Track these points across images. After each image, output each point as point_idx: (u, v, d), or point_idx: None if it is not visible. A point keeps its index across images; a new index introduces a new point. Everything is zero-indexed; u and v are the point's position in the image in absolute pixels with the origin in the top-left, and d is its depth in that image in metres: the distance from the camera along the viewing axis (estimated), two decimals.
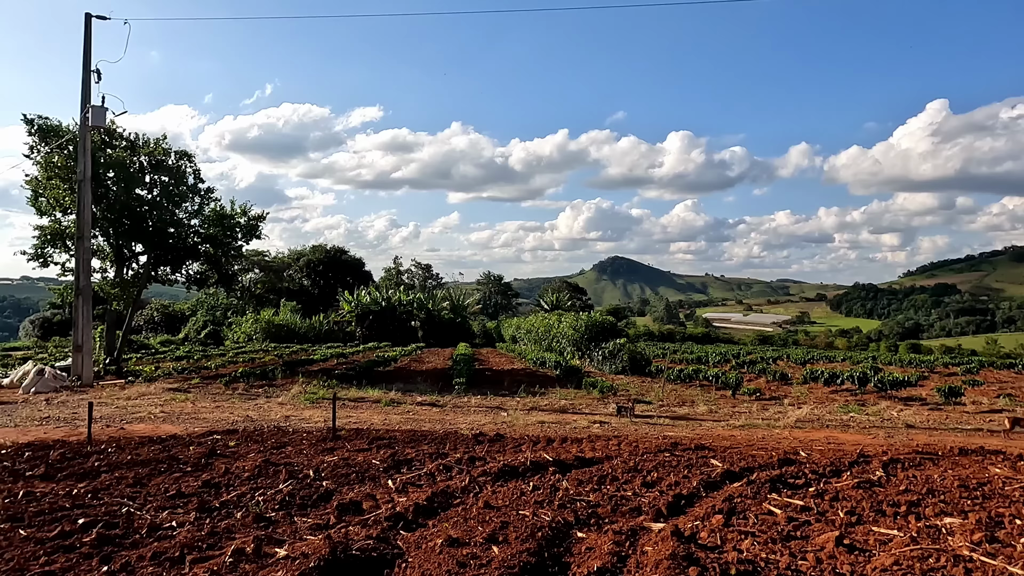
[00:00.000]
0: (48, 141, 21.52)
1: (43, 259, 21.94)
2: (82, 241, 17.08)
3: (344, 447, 8.76)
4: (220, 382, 17.10)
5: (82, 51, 17.34)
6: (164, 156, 23.36)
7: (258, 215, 25.74)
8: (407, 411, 12.86)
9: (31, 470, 7.45)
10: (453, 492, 6.26)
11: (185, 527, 5.30)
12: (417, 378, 18.85)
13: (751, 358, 26.49)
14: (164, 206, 23.55)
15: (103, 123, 17.54)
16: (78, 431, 10.91)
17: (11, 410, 13.52)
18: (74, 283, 17.81)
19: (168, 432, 10.58)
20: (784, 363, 26.99)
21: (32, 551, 4.76)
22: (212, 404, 14.04)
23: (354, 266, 69.69)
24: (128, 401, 14.49)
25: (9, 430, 11.20)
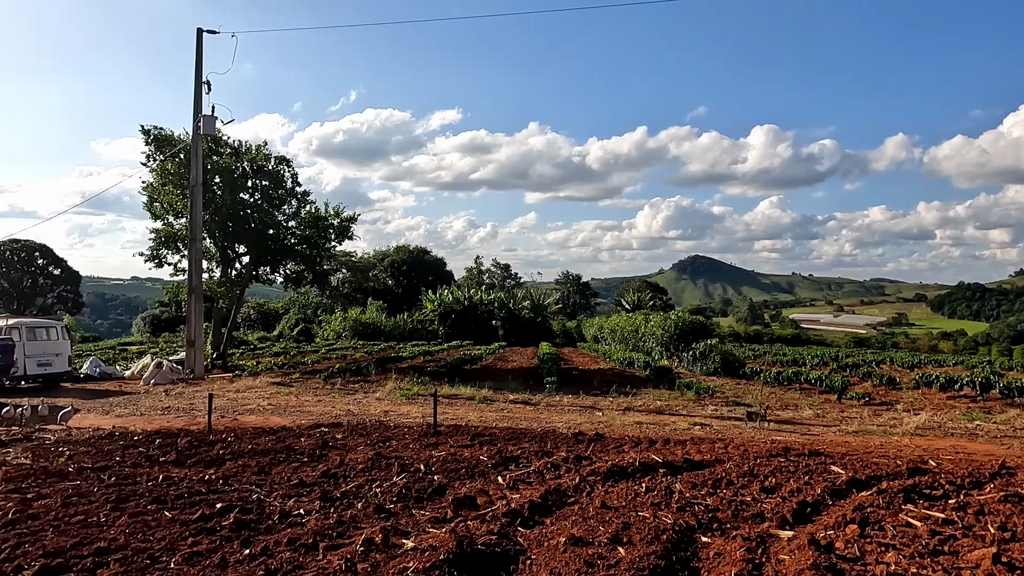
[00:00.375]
0: (163, 150, 23.04)
1: (158, 260, 23.51)
2: (194, 243, 18.21)
3: (447, 443, 8.89)
4: (319, 377, 17.78)
5: (194, 64, 18.47)
6: (264, 161, 24.55)
7: (350, 216, 26.65)
8: (501, 408, 12.94)
9: (163, 456, 7.96)
10: (565, 491, 6.21)
11: (312, 515, 5.50)
12: (508, 376, 18.96)
13: (850, 361, 25.13)
14: (265, 209, 24.75)
15: (213, 132, 18.62)
16: (196, 421, 11.60)
17: (136, 400, 14.54)
18: (187, 282, 19.01)
19: (277, 424, 11.07)
20: (889, 367, 25.46)
21: (179, 532, 5.06)
22: (314, 398, 14.62)
23: (436, 266, 71.14)
24: (237, 394, 15.29)
25: (136, 418, 12.05)
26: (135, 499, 5.90)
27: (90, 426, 10.85)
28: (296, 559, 4.54)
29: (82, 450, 8.48)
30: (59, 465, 7.50)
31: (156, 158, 23.24)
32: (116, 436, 9.68)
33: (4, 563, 4.46)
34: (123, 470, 7.20)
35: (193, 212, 18.40)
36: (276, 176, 25.12)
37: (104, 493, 6.10)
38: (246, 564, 4.43)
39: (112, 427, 10.54)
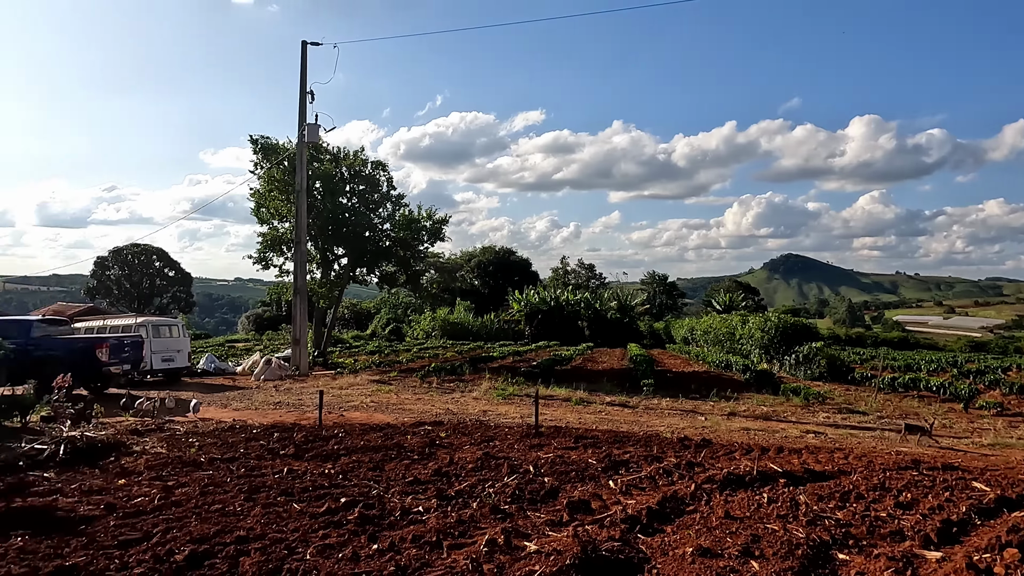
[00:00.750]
0: (269, 158, 24.32)
1: (264, 262, 24.84)
2: (300, 245, 19.12)
3: (551, 444, 8.85)
4: (416, 376, 18.22)
5: (299, 75, 19.38)
6: (361, 166, 25.43)
7: (441, 218, 27.20)
8: (599, 410, 12.80)
9: (283, 450, 8.34)
10: (682, 498, 6.03)
11: (432, 513, 5.59)
12: (599, 378, 18.77)
13: (972, 367, 23.24)
14: (361, 212, 25.64)
15: (316, 139, 19.47)
16: (306, 416, 12.11)
17: (249, 395, 15.39)
18: (293, 283, 19.99)
19: (381, 421, 11.39)
20: (1016, 373, 23.36)
21: (309, 524, 5.26)
22: (413, 396, 14.98)
23: (521, 266, 71.57)
24: (341, 391, 15.90)
25: (251, 412, 12.73)
26: (265, 490, 6.21)
27: (212, 418, 11.56)
28: (422, 556, 4.61)
29: (209, 441, 9.03)
30: (191, 455, 8.01)
31: (263, 165, 24.56)
32: (237, 429, 10.26)
33: (157, 546, 4.78)
34: (249, 462, 7.60)
35: (299, 216, 19.31)
36: (372, 180, 25.99)
37: (236, 484, 6.46)
38: (376, 559, 4.55)
39: (232, 420, 11.18)
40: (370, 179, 25.93)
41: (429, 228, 27.05)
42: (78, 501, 6.03)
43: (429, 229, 27.05)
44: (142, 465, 7.46)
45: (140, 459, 7.78)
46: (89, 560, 4.49)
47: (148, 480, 6.80)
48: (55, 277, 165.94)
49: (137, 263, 74.87)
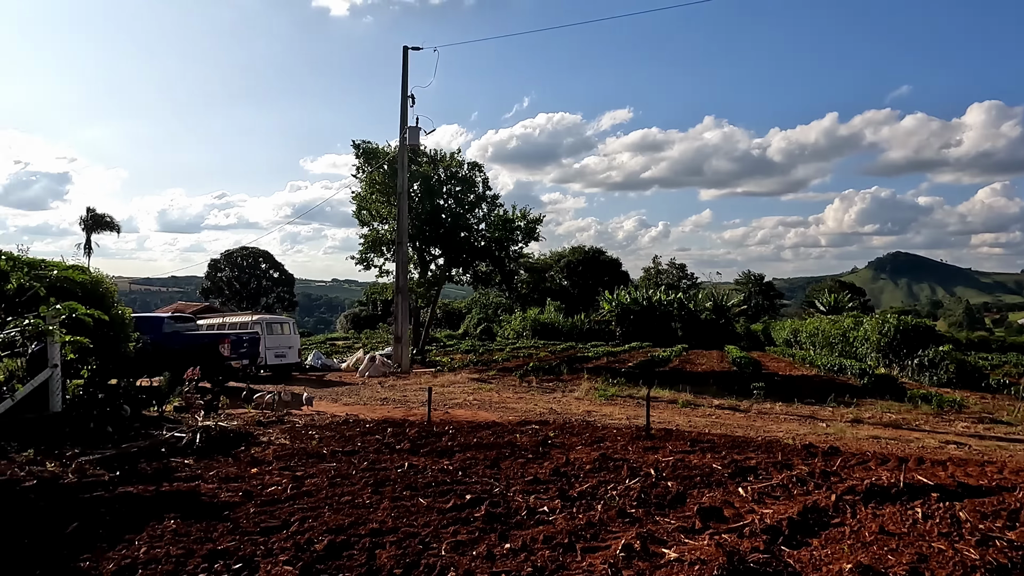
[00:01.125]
0: (370, 162, 25.11)
1: (366, 263, 25.67)
2: (401, 246, 19.62)
3: (665, 447, 8.55)
4: (515, 375, 18.26)
5: (400, 79, 19.89)
6: (458, 168, 25.80)
7: (536, 218, 27.16)
8: (708, 414, 12.31)
9: (398, 444, 8.49)
10: (823, 509, 5.61)
11: (558, 514, 5.47)
12: (700, 380, 18.13)
13: None
14: (458, 213, 26.01)
15: (417, 142, 19.92)
16: (413, 412, 12.34)
17: (356, 390, 15.91)
18: (394, 282, 20.54)
19: (486, 418, 11.41)
20: None
21: (438, 520, 5.27)
22: (514, 395, 14.98)
23: (611, 266, 70.65)
24: (443, 388, 16.13)
25: (361, 407, 13.11)
26: (390, 484, 6.29)
27: (325, 412, 11.99)
28: (557, 558, 4.49)
29: (328, 434, 9.33)
30: (314, 447, 8.28)
31: (364, 169, 25.39)
32: (351, 423, 10.57)
33: (297, 534, 4.91)
34: (369, 456, 7.77)
35: (399, 218, 19.82)
36: (468, 181, 26.31)
37: (362, 477, 6.59)
38: (511, 559, 4.47)
39: (345, 414, 11.54)
40: (466, 180, 26.26)
41: (524, 228, 27.10)
42: (218, 488, 6.33)
43: (524, 229, 27.11)
44: (270, 455, 7.78)
45: (268, 450, 8.12)
46: (237, 545, 4.67)
47: (278, 470, 7.07)
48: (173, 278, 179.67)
49: (246, 265, 79.68)
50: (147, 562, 4.34)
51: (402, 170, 19.73)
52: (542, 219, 27.46)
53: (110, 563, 4.32)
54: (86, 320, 8.78)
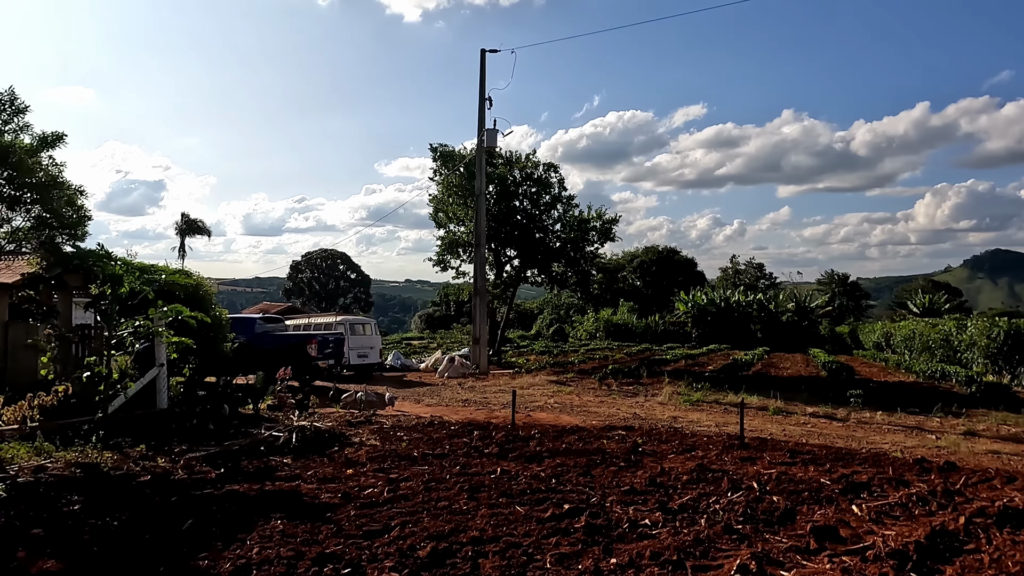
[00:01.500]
0: (447, 165, 25.40)
1: (443, 264, 25.98)
2: (479, 248, 19.74)
3: (762, 457, 8.16)
4: (594, 378, 18.02)
5: (478, 82, 20.01)
6: (533, 168, 25.75)
7: (612, 218, 26.79)
8: (803, 422, 11.73)
9: (486, 448, 8.46)
10: (953, 533, 5.17)
11: (662, 528, 5.27)
12: (797, 386, 17.34)
13: None
14: (532, 214, 25.96)
15: (495, 144, 19.98)
16: (495, 414, 12.33)
17: (436, 391, 16.07)
18: (472, 284, 20.69)
19: (568, 422, 11.26)
20: None
21: (537, 529, 5.17)
22: (595, 398, 14.76)
23: (686, 266, 69.01)
24: (522, 391, 16.07)
25: (443, 408, 13.21)
26: (485, 490, 6.25)
27: (411, 413, 12.15)
28: (665, 575, 4.31)
29: (415, 436, 9.42)
30: (404, 449, 8.37)
31: (441, 172, 25.72)
32: (436, 425, 10.65)
33: (399, 540, 4.92)
34: (459, 459, 7.77)
35: (477, 219, 19.95)
36: (543, 182, 26.22)
37: (456, 481, 6.58)
38: (618, 575, 4.32)
39: (429, 416, 11.65)
40: (541, 181, 26.18)
41: (599, 228, 26.80)
42: (317, 488, 6.46)
43: (599, 229, 26.81)
44: (363, 457, 7.90)
45: (360, 451, 8.26)
46: (344, 549, 4.71)
47: (372, 472, 7.16)
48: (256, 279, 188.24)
49: (324, 266, 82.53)
50: (260, 563, 4.43)
51: (480, 172, 19.85)
52: (618, 219, 27.10)
53: (226, 563, 4.44)
54: (190, 322, 9.20)
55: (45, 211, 8.68)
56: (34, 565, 4.46)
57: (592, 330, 52.59)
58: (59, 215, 8.75)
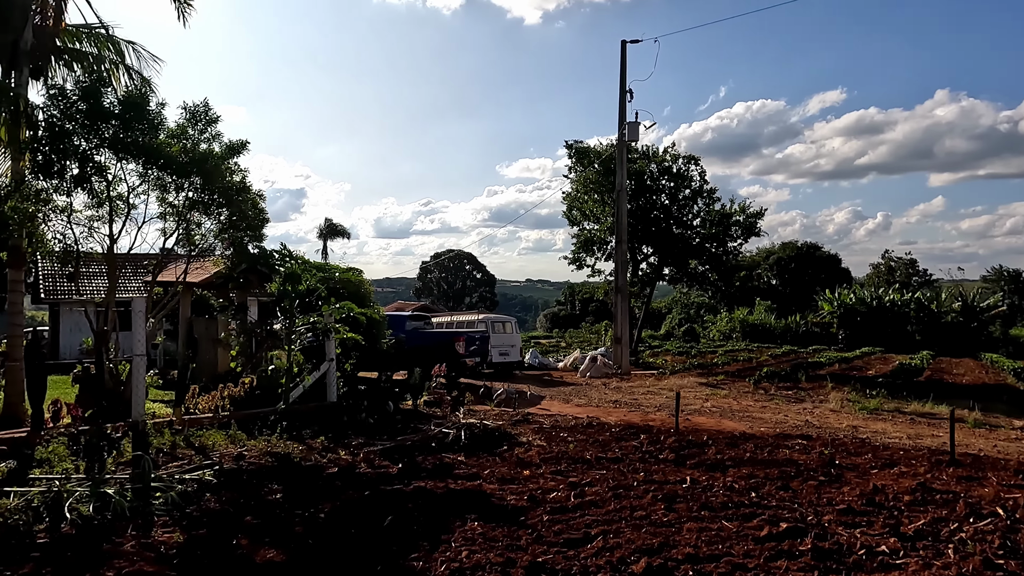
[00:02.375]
0: (582, 161, 25.03)
1: (578, 262, 25.65)
2: (620, 244, 19.22)
3: (986, 478, 7.08)
4: (748, 381, 16.97)
5: (619, 75, 19.48)
6: (672, 162, 24.79)
7: (756, 212, 25.27)
8: (1015, 437, 10.24)
9: (660, 454, 7.99)
10: None
11: (904, 557, 4.59)
12: (992, 394, 15.41)
13: None
14: (671, 209, 25.00)
15: (637, 138, 19.37)
16: (649, 417, 11.79)
17: (581, 391, 15.74)
18: (613, 282, 20.20)
19: (733, 428, 10.52)
20: None
21: (757, 550, 4.66)
22: (755, 403, 13.81)
23: (828, 263, 64.29)
24: (672, 392, 15.41)
25: (594, 409, 12.84)
26: (681, 501, 5.81)
27: (564, 413, 11.89)
28: None
29: (579, 437, 9.13)
30: (573, 451, 8.09)
31: (576, 169, 25.39)
32: (595, 426, 10.30)
33: (605, 551, 4.61)
34: (634, 464, 7.38)
35: (618, 216, 19.42)
36: (682, 176, 25.19)
37: (645, 489, 6.19)
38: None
39: (586, 416, 11.33)
40: (680, 175, 25.16)
41: (742, 223, 25.36)
42: (499, 489, 6.31)
43: (742, 224, 25.37)
44: (535, 457, 7.71)
45: (531, 451, 8.08)
46: (552, 558, 4.47)
47: (550, 474, 6.92)
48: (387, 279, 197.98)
49: (451, 267, 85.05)
50: (473, 568, 4.28)
51: (621, 167, 19.31)
52: (763, 212, 25.51)
53: (440, 565, 4.33)
54: (360, 319, 9.47)
55: (233, 214, 9.24)
56: (257, 554, 4.58)
57: (726, 330, 50.25)
58: (245, 217, 9.28)
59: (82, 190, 8.81)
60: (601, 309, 72.67)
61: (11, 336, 9.51)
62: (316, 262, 9.33)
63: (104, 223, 9.24)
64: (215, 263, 10.47)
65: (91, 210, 9.11)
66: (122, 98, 8.69)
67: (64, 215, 8.70)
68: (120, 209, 9.35)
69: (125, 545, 4.66)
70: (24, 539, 4.78)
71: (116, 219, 9.23)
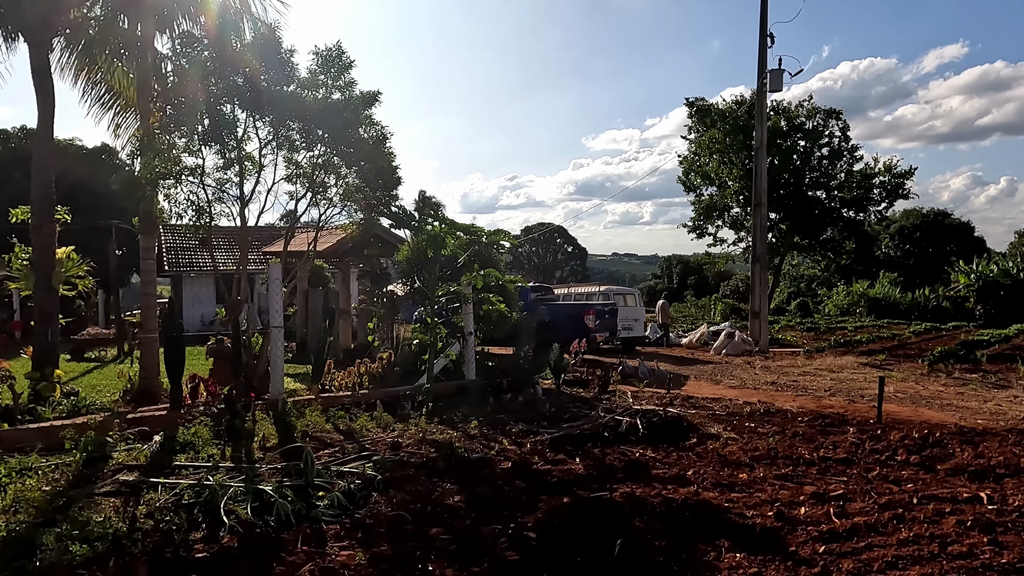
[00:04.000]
0: (704, 121, 22.95)
1: (699, 231, 23.73)
2: (759, 208, 17.25)
3: None
4: (919, 361, 14.83)
5: (759, 17, 17.30)
6: (808, 118, 22.31)
7: (906, 171, 22.46)
8: None
9: (893, 455, 6.44)
10: None
11: None
12: None
13: None
14: (802, 171, 22.58)
15: (780, 88, 17.19)
16: (823, 403, 10.13)
17: (724, 370, 14.11)
18: (751, 250, 18.28)
19: (935, 418, 8.76)
20: None
21: None
22: (944, 388, 11.79)
23: (959, 231, 58.31)
24: (830, 373, 13.56)
25: (750, 391, 11.24)
26: (1001, 529, 4.31)
27: (718, 396, 10.39)
28: None
29: (769, 427, 7.69)
30: (779, 446, 6.67)
31: (697, 129, 23.34)
32: (775, 413, 8.79)
33: None
34: (872, 467, 5.88)
35: (757, 176, 17.41)
36: (816, 134, 22.65)
37: (929, 507, 4.71)
38: None
39: (757, 401, 9.80)
40: (814, 132, 22.63)
41: (889, 184, 22.60)
42: (724, 499, 5.01)
43: (889, 185, 22.60)
44: (739, 454, 6.34)
45: (728, 446, 6.71)
46: None
47: (773, 478, 5.56)
48: None
49: (543, 240, 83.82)
50: None
51: (760, 121, 17.20)
52: (913, 172, 22.64)
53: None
54: (509, 287, 8.35)
55: (370, 171, 8.27)
56: None
57: (844, 304, 46.31)
58: (382, 174, 8.29)
59: (211, 149, 8.07)
60: (701, 283, 69.51)
61: (145, 307, 9.04)
62: (462, 224, 8.26)
63: (235, 185, 8.50)
64: (346, 229, 9.60)
65: (220, 172, 8.38)
66: (250, 42, 7.83)
67: (195, 175, 7.98)
68: (249, 170, 8.60)
69: (302, 569, 3.69)
70: (179, 551, 3.91)
71: (247, 179, 8.47)
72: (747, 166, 21.48)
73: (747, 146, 21.42)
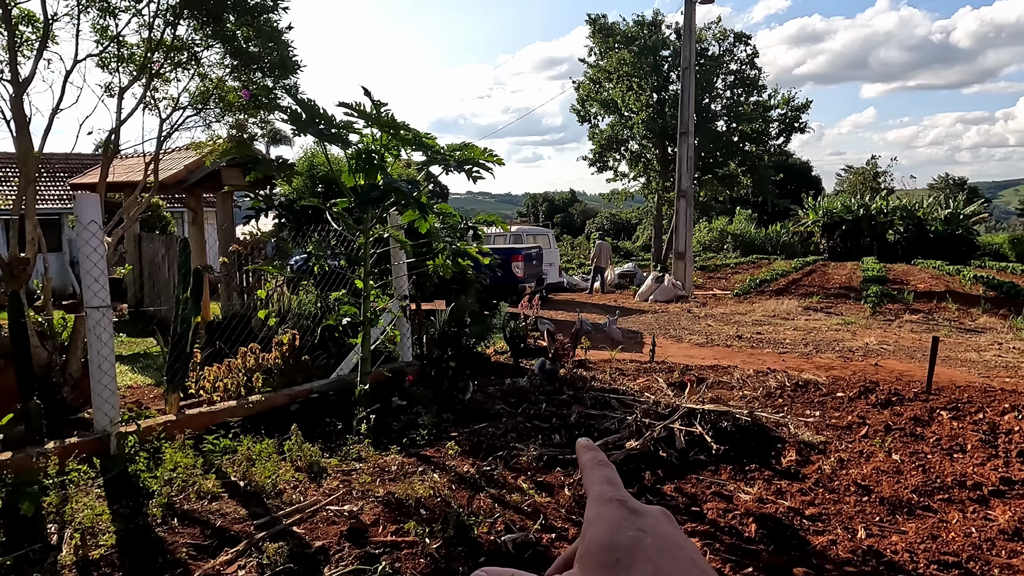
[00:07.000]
0: (607, 41, 20.70)
1: (600, 164, 21.82)
2: (686, 137, 15.41)
3: None
4: (851, 303, 14.05)
5: None
6: (717, 41, 20.80)
7: (802, 104, 21.86)
8: None
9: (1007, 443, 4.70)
10: None
11: None
12: None
13: None
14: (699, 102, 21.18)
15: None
16: (815, 361, 8.57)
17: (670, 321, 12.34)
18: (676, 185, 16.54)
19: (964, 379, 7.46)
20: None
21: None
22: (919, 336, 10.79)
23: (800, 171, 62.36)
24: (783, 320, 12.27)
25: (726, 351, 9.49)
26: None
27: (692, 358, 8.46)
28: None
29: (848, 416, 5.75)
30: (892, 448, 4.70)
31: (598, 51, 21.08)
32: (805, 387, 6.94)
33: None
34: None
35: (682, 102, 15.52)
36: (717, 61, 21.29)
37: None
38: None
39: (767, 369, 7.93)
40: (715, 59, 21.24)
41: (784, 117, 21.92)
42: None
43: (784, 119, 21.93)
44: (881, 479, 4.26)
45: (850, 464, 4.60)
46: None
47: (999, 537, 3.51)
48: None
49: None
50: None
51: (688, 36, 15.20)
52: (809, 105, 22.09)
53: None
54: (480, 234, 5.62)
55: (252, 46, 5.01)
56: None
57: (706, 240, 47.80)
58: (270, 51, 5.06)
59: None
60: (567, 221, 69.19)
61: None
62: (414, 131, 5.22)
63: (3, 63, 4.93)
64: (204, 146, 6.21)
65: None
66: None
67: None
68: (28, 39, 5.02)
69: None
70: None
71: (22, 55, 4.89)
72: (657, 93, 19.69)
73: (657, 69, 19.57)
